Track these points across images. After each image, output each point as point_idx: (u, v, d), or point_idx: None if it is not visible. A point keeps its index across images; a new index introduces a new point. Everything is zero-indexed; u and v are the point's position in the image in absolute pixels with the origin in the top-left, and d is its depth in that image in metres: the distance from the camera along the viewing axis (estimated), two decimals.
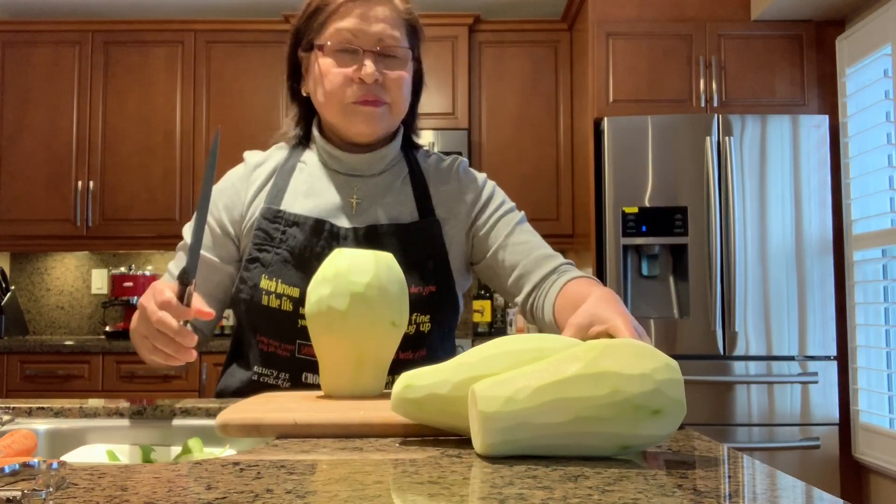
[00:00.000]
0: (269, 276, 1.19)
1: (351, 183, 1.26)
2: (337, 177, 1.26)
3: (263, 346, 1.21)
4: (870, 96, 3.05)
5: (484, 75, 3.76)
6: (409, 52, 1.22)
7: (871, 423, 2.98)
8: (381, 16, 1.18)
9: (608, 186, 3.12)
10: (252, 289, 1.20)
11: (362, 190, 1.26)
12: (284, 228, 1.20)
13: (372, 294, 0.97)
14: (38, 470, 0.57)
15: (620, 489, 0.59)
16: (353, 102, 1.19)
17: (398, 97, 1.21)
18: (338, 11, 1.18)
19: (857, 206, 3.12)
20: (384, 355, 1.02)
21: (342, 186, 1.25)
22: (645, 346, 0.72)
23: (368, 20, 1.18)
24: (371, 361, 1.01)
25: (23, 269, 4.06)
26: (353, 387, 1.01)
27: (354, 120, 1.21)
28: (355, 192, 1.25)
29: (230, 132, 3.65)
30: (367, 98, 1.19)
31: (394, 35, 1.19)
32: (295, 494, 0.58)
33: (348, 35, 1.18)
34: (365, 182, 1.26)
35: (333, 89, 1.19)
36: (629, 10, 3.30)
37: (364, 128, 1.21)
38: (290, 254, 1.19)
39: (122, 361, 3.37)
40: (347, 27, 1.18)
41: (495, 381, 0.71)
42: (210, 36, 3.78)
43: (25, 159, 3.73)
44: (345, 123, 1.22)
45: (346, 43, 1.18)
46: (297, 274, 1.18)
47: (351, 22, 1.18)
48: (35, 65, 3.77)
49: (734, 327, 3.01)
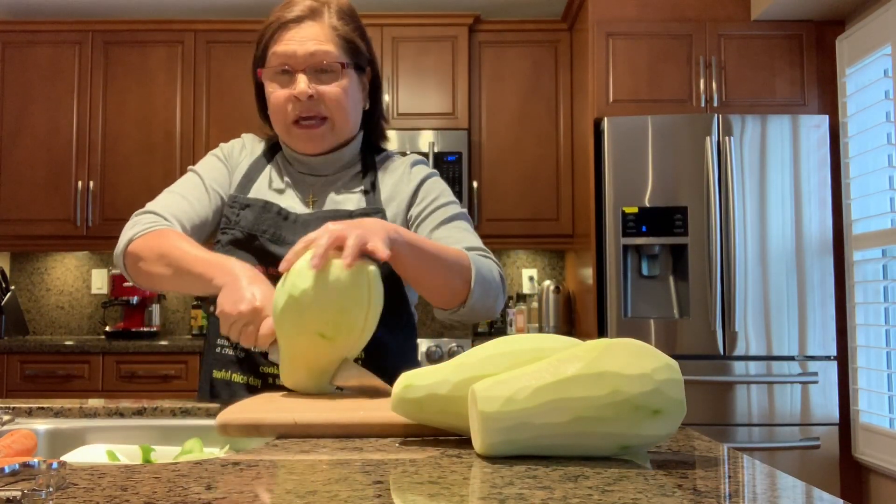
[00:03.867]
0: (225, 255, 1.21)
1: (308, 181, 1.33)
2: (298, 176, 1.34)
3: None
4: (870, 96, 3.05)
5: (484, 75, 3.75)
6: (341, 66, 1.26)
7: (871, 423, 2.98)
8: (311, 35, 1.25)
9: (608, 186, 3.12)
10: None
11: (316, 187, 1.33)
12: (238, 211, 1.28)
13: (305, 301, 0.96)
14: (38, 470, 0.57)
15: (620, 489, 0.59)
16: (293, 122, 1.27)
17: (336, 111, 1.27)
18: (273, 37, 1.27)
19: (857, 206, 3.12)
20: (316, 362, 1.01)
21: (300, 184, 1.33)
22: (645, 346, 0.72)
23: (300, 41, 1.25)
24: (302, 363, 1.01)
25: (23, 269, 4.06)
26: (290, 382, 1.04)
27: (297, 141, 1.30)
28: (311, 191, 1.32)
29: (230, 132, 3.63)
30: (303, 114, 1.26)
31: (326, 51, 1.25)
32: (295, 494, 0.58)
33: (282, 58, 1.25)
34: (319, 180, 1.33)
35: (275, 110, 1.28)
36: (629, 10, 3.30)
37: (305, 147, 1.30)
38: (242, 233, 1.26)
39: (122, 361, 3.37)
40: (281, 51, 1.25)
41: (495, 381, 0.71)
42: (210, 36, 3.78)
43: (25, 159, 3.73)
44: (288, 140, 1.31)
45: (281, 66, 1.25)
46: (245, 253, 1.24)
47: (284, 46, 1.25)
48: (35, 65, 3.77)
49: (734, 327, 3.01)
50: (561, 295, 3.74)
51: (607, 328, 3.10)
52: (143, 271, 1.19)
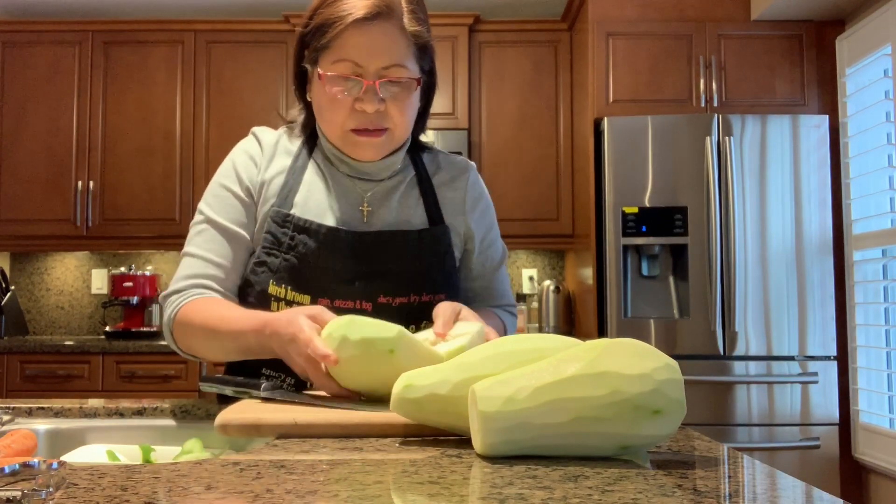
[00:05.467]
0: (278, 283, 1.17)
1: (359, 187, 1.24)
2: (345, 179, 1.24)
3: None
4: (870, 96, 3.05)
5: (484, 75, 3.75)
6: (414, 81, 1.17)
7: (871, 423, 2.98)
8: (385, 44, 1.13)
9: (608, 186, 3.12)
10: (259, 294, 1.18)
11: (369, 195, 1.24)
12: (293, 234, 1.17)
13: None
14: (38, 470, 0.57)
15: (620, 489, 0.59)
16: (352, 130, 1.17)
17: (400, 123, 1.18)
18: (342, 35, 1.12)
19: (857, 206, 3.12)
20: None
21: (351, 190, 1.23)
22: (645, 346, 0.73)
23: (373, 50, 1.13)
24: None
25: (23, 269, 4.06)
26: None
27: (354, 149, 1.19)
28: (365, 199, 1.23)
29: (230, 132, 3.65)
30: (366, 127, 1.16)
31: (400, 65, 1.14)
32: (295, 494, 0.58)
33: (352, 67, 1.13)
34: (372, 186, 1.24)
35: (333, 117, 1.17)
36: (629, 10, 3.30)
37: (363, 156, 1.20)
38: (299, 260, 1.17)
39: (122, 361, 3.37)
40: (352, 53, 1.13)
41: (495, 381, 0.71)
42: (210, 36, 3.78)
43: (25, 159, 3.73)
44: (345, 149, 1.21)
45: (349, 73, 1.14)
46: (306, 281, 1.17)
47: (356, 47, 1.13)
48: (35, 65, 3.77)
49: (734, 327, 3.01)
50: (561, 295, 3.74)
51: (607, 328, 3.10)
52: (192, 342, 1.16)
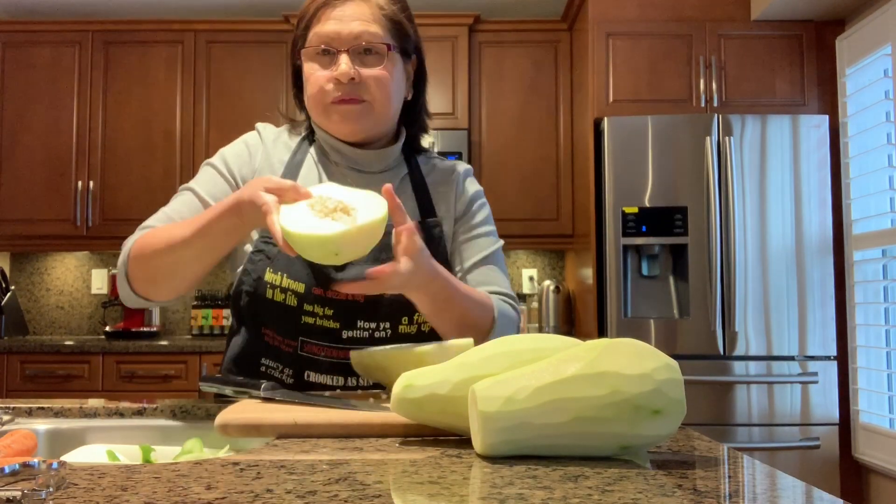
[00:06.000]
0: (274, 270, 1.18)
1: (351, 179, 1.25)
2: (339, 171, 1.27)
3: (269, 338, 1.22)
4: (870, 96, 3.05)
5: (484, 75, 3.75)
6: (387, 48, 1.20)
7: (871, 423, 2.98)
8: (356, 14, 1.19)
9: (608, 186, 3.12)
10: (256, 281, 1.19)
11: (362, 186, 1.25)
12: None
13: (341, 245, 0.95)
14: (38, 470, 0.57)
15: (620, 489, 0.59)
16: (331, 102, 1.20)
17: (377, 94, 1.20)
18: (315, 16, 1.21)
19: (857, 206, 3.12)
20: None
21: (343, 182, 1.24)
22: (645, 346, 0.72)
23: (343, 20, 1.19)
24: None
25: (23, 269, 4.06)
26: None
27: (333, 119, 1.22)
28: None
29: (230, 132, 3.63)
30: (343, 98, 1.19)
31: (371, 31, 1.19)
32: (295, 494, 0.58)
33: (324, 38, 1.19)
34: (366, 179, 1.26)
35: (314, 92, 1.21)
36: (629, 10, 3.30)
37: (343, 126, 1.22)
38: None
39: (122, 361, 3.37)
40: (324, 31, 1.19)
41: (495, 381, 0.71)
42: (210, 36, 3.78)
43: (25, 159, 3.73)
44: (326, 123, 1.24)
45: (324, 45, 1.19)
46: (302, 269, 1.18)
47: (327, 25, 1.19)
48: (35, 65, 3.77)
49: (734, 327, 3.01)
50: (561, 295, 3.74)
51: (607, 328, 3.10)
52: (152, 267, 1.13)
